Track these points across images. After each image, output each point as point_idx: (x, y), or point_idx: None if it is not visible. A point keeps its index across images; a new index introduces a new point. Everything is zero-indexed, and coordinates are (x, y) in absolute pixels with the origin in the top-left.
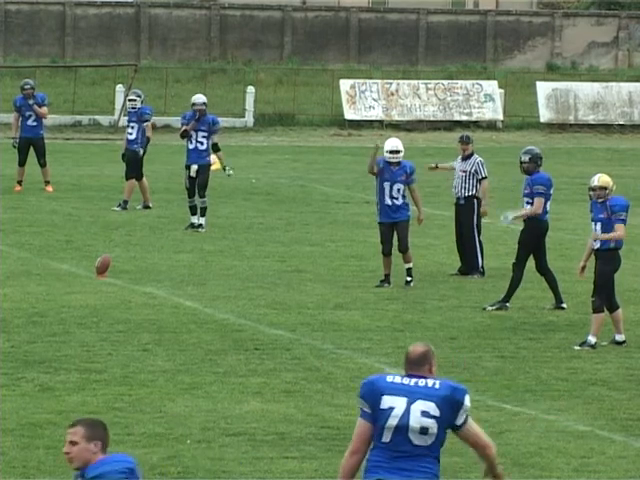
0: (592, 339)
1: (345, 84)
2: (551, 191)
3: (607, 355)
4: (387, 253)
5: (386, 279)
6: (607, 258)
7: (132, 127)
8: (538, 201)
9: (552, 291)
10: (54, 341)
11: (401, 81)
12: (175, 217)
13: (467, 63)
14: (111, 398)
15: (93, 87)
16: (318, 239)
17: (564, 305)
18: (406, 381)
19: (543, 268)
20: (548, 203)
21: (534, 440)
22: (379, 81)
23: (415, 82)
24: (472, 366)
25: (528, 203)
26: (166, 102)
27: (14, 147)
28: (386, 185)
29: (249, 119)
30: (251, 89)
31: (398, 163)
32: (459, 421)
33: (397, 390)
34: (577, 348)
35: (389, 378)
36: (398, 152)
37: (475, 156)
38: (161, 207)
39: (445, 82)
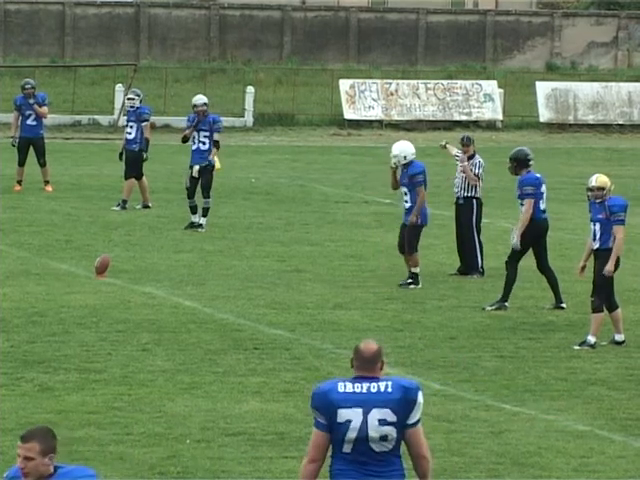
0: (591, 339)
1: (345, 84)
2: (542, 189)
3: (606, 355)
4: (400, 252)
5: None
6: (606, 258)
7: (131, 127)
8: (527, 202)
9: (552, 291)
10: (53, 341)
11: (400, 81)
12: (175, 217)
13: (466, 63)
14: (110, 398)
15: (93, 87)
16: (317, 239)
17: (564, 305)
18: (358, 389)
19: (544, 267)
20: (542, 202)
21: (533, 440)
22: (378, 81)
23: (415, 82)
24: (471, 366)
25: (522, 205)
26: (166, 102)
27: (13, 146)
28: (402, 188)
29: (248, 119)
30: (250, 89)
31: (405, 166)
32: (412, 419)
33: (351, 401)
34: (576, 348)
35: (341, 388)
36: (395, 156)
37: (476, 157)
38: (160, 207)
39: (445, 82)
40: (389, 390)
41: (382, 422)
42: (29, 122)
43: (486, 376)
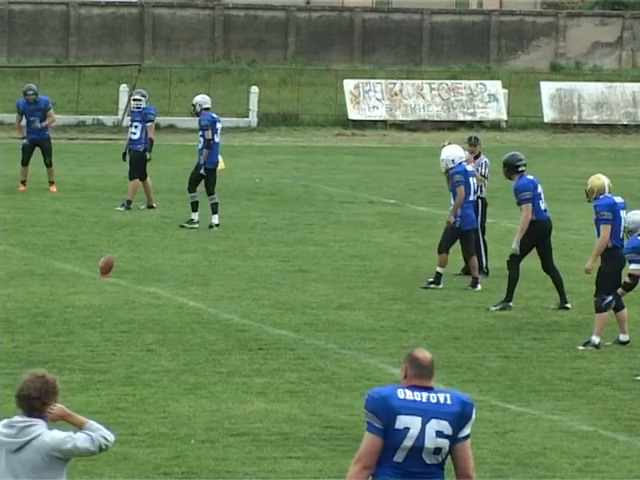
0: (596, 339)
1: (349, 84)
2: (538, 190)
3: (611, 355)
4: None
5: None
6: (607, 257)
7: (136, 127)
8: (525, 208)
9: (557, 291)
10: (58, 341)
11: (405, 81)
12: (179, 217)
13: (471, 63)
14: (115, 398)
15: (97, 87)
16: (322, 239)
17: (568, 305)
18: (418, 397)
19: (549, 267)
20: (541, 202)
21: (538, 440)
22: (383, 81)
23: (419, 82)
24: (476, 366)
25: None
26: (170, 102)
27: (25, 146)
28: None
29: (253, 119)
30: (255, 89)
31: (452, 169)
32: (462, 434)
33: (411, 409)
34: (581, 348)
35: (400, 394)
36: (442, 160)
37: (482, 157)
38: (165, 207)
39: (449, 82)
40: (448, 402)
41: (439, 434)
42: (34, 126)
43: (490, 376)
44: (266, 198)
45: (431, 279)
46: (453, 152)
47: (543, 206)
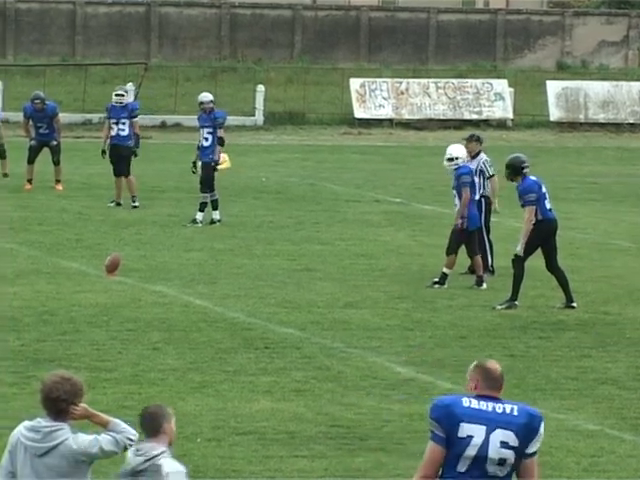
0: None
1: (355, 83)
2: (543, 190)
3: (617, 354)
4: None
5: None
6: None
7: (123, 123)
8: (528, 211)
9: (562, 290)
10: (64, 340)
11: (411, 80)
12: (185, 215)
13: (477, 62)
14: (121, 397)
15: (103, 86)
16: (328, 238)
17: (574, 304)
18: (483, 406)
19: (553, 267)
20: (546, 202)
21: (544, 439)
22: (389, 80)
23: (425, 81)
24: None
25: None
26: (176, 101)
27: (32, 146)
28: (453, 190)
29: (259, 118)
30: (261, 88)
31: (456, 169)
32: (531, 449)
33: (475, 417)
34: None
35: (465, 402)
36: (451, 160)
37: (481, 155)
38: (171, 205)
39: (455, 81)
40: (515, 413)
41: (504, 444)
42: (41, 131)
43: None
44: (272, 197)
45: (436, 279)
46: (460, 152)
47: (548, 206)
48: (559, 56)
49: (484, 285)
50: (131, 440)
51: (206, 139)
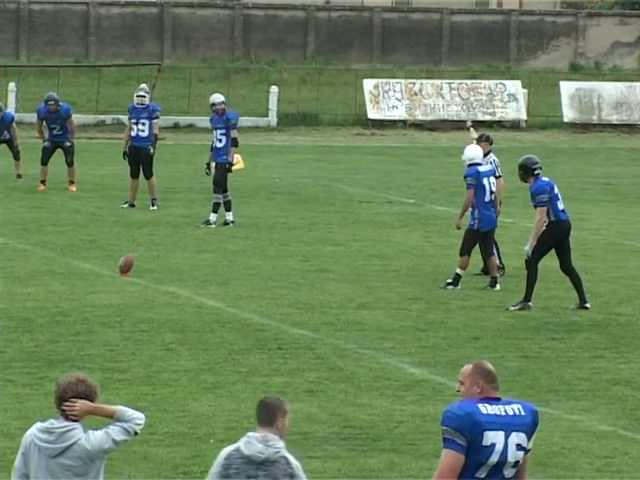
0: None
1: (368, 84)
2: (555, 191)
3: (630, 355)
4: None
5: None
6: None
7: (143, 124)
8: (539, 212)
9: (576, 291)
10: (77, 340)
11: (424, 81)
12: (198, 216)
13: (490, 63)
14: (134, 397)
15: (117, 87)
16: (341, 239)
17: (588, 305)
18: (497, 411)
19: (568, 268)
20: (559, 202)
21: (557, 440)
22: (402, 81)
23: (438, 82)
24: (495, 366)
25: None
26: (189, 102)
27: (46, 148)
28: None
29: (272, 119)
30: (274, 89)
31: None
32: (529, 446)
33: (496, 424)
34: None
35: (483, 409)
36: (465, 161)
37: (491, 155)
38: (184, 206)
39: (468, 82)
40: (522, 413)
41: (519, 447)
42: (55, 132)
43: (510, 376)
44: (286, 197)
45: (450, 280)
46: (471, 153)
47: (561, 207)
48: (572, 57)
49: (497, 286)
50: (139, 425)
51: (220, 140)
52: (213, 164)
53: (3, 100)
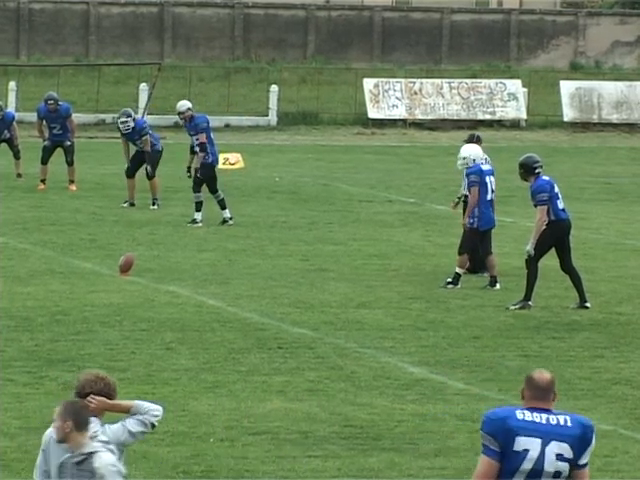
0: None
1: (368, 83)
2: (555, 190)
3: (631, 354)
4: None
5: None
6: None
7: (139, 142)
8: (539, 211)
9: (576, 290)
10: (77, 340)
11: (424, 80)
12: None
13: (491, 62)
14: (134, 397)
15: (117, 86)
16: (341, 238)
17: (588, 304)
18: (537, 418)
19: (568, 268)
20: (559, 202)
21: None
22: (402, 80)
23: (439, 81)
24: (495, 365)
25: None
26: (190, 101)
27: (46, 147)
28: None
29: (272, 118)
30: (274, 88)
31: (467, 169)
32: (583, 460)
33: (531, 430)
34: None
35: (519, 415)
36: (462, 159)
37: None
38: (184, 206)
39: (469, 81)
40: (569, 424)
41: (559, 457)
42: (55, 132)
43: (510, 375)
44: (286, 197)
45: (449, 279)
46: (473, 151)
47: (561, 206)
48: (572, 56)
49: (497, 285)
50: (157, 417)
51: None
52: (193, 168)
53: (3, 99)
